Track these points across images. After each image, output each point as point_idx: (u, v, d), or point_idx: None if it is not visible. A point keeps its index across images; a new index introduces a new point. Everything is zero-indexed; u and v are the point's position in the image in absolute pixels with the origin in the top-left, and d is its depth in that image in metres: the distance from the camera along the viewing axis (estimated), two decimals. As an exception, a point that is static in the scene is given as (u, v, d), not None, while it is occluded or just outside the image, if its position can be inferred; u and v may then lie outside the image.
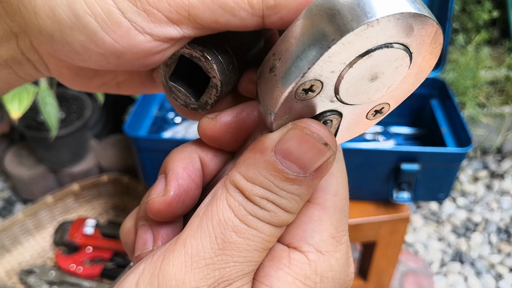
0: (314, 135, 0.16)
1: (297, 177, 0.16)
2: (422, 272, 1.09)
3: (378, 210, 0.75)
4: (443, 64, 0.87)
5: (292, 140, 0.16)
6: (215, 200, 0.16)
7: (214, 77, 0.18)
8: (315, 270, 0.16)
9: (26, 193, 1.20)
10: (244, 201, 0.16)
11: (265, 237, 0.16)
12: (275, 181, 0.16)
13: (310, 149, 0.16)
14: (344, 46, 0.14)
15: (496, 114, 1.18)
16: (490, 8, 1.24)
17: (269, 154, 0.16)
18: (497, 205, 1.26)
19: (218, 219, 0.16)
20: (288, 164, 0.15)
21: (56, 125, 0.96)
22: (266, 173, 0.16)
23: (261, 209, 0.16)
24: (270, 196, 0.16)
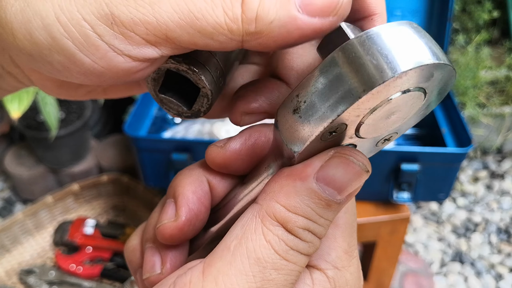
0: (360, 163, 0.16)
1: (335, 202, 0.16)
2: (422, 272, 1.09)
3: (378, 210, 0.75)
4: (443, 64, 0.87)
5: (338, 167, 0.16)
6: (249, 235, 0.15)
7: (204, 87, 0.18)
8: (335, 286, 0.17)
9: (26, 193, 1.20)
10: (285, 235, 0.15)
11: (300, 269, 0.16)
12: (317, 209, 0.16)
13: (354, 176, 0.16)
14: (373, 96, 0.15)
15: (496, 114, 1.18)
16: (490, 8, 1.24)
17: (311, 181, 0.16)
18: (497, 205, 1.26)
19: (256, 257, 0.15)
20: (331, 191, 0.16)
21: (56, 125, 0.96)
22: (309, 202, 0.15)
23: (302, 242, 0.16)
24: (311, 225, 0.16)
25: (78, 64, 0.15)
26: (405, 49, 0.14)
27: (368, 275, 0.85)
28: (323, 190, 0.16)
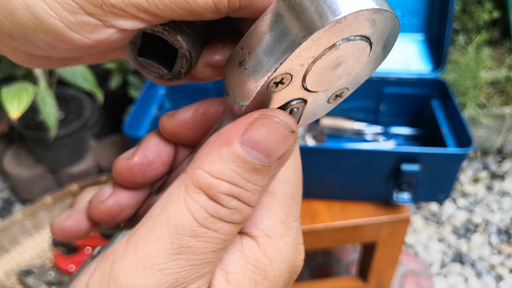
0: (283, 123, 0.16)
1: (263, 166, 0.15)
2: (422, 273, 1.09)
3: (378, 211, 0.75)
4: (443, 64, 0.87)
5: (261, 129, 0.15)
6: (171, 203, 0.15)
7: (181, 47, 0.17)
8: (265, 253, 0.17)
9: (25, 193, 1.20)
10: (206, 202, 0.15)
11: (224, 237, 0.15)
12: (243, 173, 0.15)
13: (279, 137, 0.15)
14: (314, 42, 0.15)
15: (496, 114, 1.18)
16: (491, 9, 1.23)
17: (236, 145, 0.15)
18: (498, 206, 1.26)
19: (175, 224, 0.15)
20: (256, 154, 0.15)
21: (55, 125, 0.96)
22: (234, 166, 0.15)
23: (224, 208, 0.15)
24: (236, 191, 0.15)
25: (67, 42, 0.15)
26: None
27: (368, 275, 0.85)
28: (248, 153, 0.15)
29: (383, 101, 0.91)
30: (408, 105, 0.90)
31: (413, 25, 0.91)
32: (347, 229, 0.75)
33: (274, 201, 0.18)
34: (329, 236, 0.75)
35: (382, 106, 0.91)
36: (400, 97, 0.89)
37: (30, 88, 0.95)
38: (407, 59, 0.91)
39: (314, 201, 0.77)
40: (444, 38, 0.86)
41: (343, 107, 0.93)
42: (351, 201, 0.77)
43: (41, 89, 0.98)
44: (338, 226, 0.73)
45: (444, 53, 0.86)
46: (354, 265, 1.09)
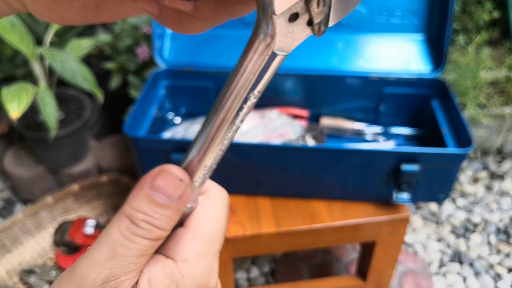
0: (175, 175, 0.24)
1: (166, 203, 0.23)
2: (421, 272, 1.09)
3: (378, 210, 0.75)
4: (443, 64, 0.87)
5: (161, 179, 0.23)
6: (110, 225, 0.23)
7: None
8: (179, 271, 0.24)
9: (26, 194, 1.20)
10: (129, 224, 0.23)
11: (142, 247, 0.23)
12: (151, 207, 0.23)
13: (172, 184, 0.23)
14: None
15: (496, 115, 1.18)
16: (491, 9, 1.24)
17: (146, 189, 0.23)
18: (497, 206, 1.27)
19: (110, 237, 0.23)
20: (159, 195, 0.23)
21: (55, 125, 0.96)
22: (144, 202, 0.23)
23: (140, 228, 0.23)
24: (147, 218, 0.23)
25: None
26: None
27: (367, 275, 0.86)
28: (153, 194, 0.23)
29: (383, 101, 0.91)
30: (408, 105, 0.91)
31: (413, 25, 0.91)
32: (346, 229, 0.75)
33: (195, 238, 0.25)
34: (329, 236, 0.76)
35: (382, 106, 0.92)
36: (400, 97, 0.89)
37: (30, 88, 0.95)
38: (407, 59, 0.91)
39: (314, 201, 0.77)
40: (444, 38, 0.86)
41: (343, 107, 0.94)
42: (351, 201, 0.77)
43: (41, 89, 0.98)
44: (338, 225, 0.74)
45: (444, 53, 0.86)
46: (353, 265, 1.09)
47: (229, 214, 0.76)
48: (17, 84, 0.96)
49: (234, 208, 0.76)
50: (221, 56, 0.91)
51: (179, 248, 0.24)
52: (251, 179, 0.75)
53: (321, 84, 0.90)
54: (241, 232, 0.72)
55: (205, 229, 0.25)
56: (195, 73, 0.90)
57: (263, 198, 0.78)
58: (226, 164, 0.73)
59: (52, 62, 0.99)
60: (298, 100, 0.93)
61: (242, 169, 0.74)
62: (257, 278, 1.10)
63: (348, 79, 0.89)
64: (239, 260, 1.13)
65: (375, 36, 0.91)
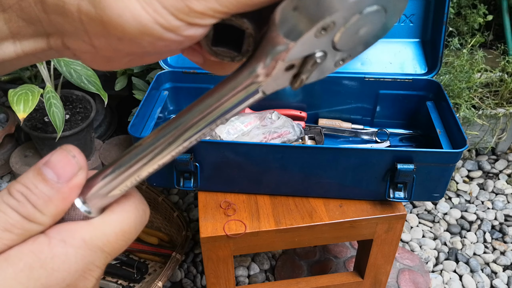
0: (74, 156, 0.21)
1: (51, 179, 0.21)
2: (418, 269, 1.11)
3: (374, 209, 0.77)
4: (438, 66, 0.89)
5: (54, 154, 0.21)
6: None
7: (247, 28, 0.21)
8: (51, 249, 0.20)
9: (31, 193, 1.22)
10: (5, 194, 0.21)
11: (8, 219, 0.20)
12: (34, 180, 0.21)
13: (63, 158, 0.21)
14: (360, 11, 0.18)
15: (490, 115, 1.20)
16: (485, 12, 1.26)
17: (40, 164, 0.21)
18: (491, 204, 1.28)
19: None
20: (48, 170, 0.21)
21: (61, 126, 0.98)
22: (30, 175, 0.21)
23: (12, 198, 0.20)
24: (24, 190, 0.20)
25: (165, 40, 0.20)
26: None
27: (364, 272, 0.87)
28: (42, 168, 0.21)
29: (379, 102, 0.93)
30: (403, 107, 0.93)
31: (409, 28, 0.93)
32: (344, 227, 0.76)
33: (87, 227, 0.22)
34: (327, 233, 0.77)
35: (379, 107, 0.94)
36: (396, 98, 0.91)
37: (36, 89, 0.97)
38: (403, 62, 0.93)
39: (312, 199, 0.79)
40: (439, 41, 0.88)
41: (340, 109, 0.96)
42: (349, 199, 0.78)
43: (47, 91, 1.00)
44: (336, 223, 0.75)
45: (439, 56, 0.88)
46: (351, 262, 1.11)
47: (230, 212, 0.77)
48: (24, 85, 0.98)
49: (234, 207, 0.78)
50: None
51: (61, 229, 0.21)
52: (251, 178, 0.77)
53: (319, 86, 0.92)
54: (242, 230, 0.74)
55: (104, 225, 0.22)
56: (197, 75, 0.93)
57: (263, 197, 0.80)
58: (227, 164, 0.75)
59: (57, 65, 1.01)
60: (296, 102, 0.96)
61: (243, 168, 0.75)
62: (257, 275, 1.12)
63: (345, 81, 0.91)
64: (239, 257, 1.14)
65: (372, 39, 0.93)
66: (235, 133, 0.85)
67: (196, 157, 0.75)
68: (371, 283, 0.89)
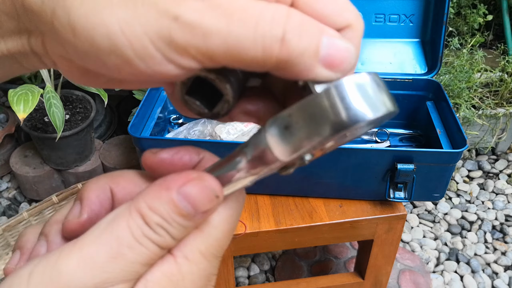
0: (212, 189, 0.21)
1: (188, 214, 0.20)
2: (419, 270, 1.11)
3: (375, 209, 0.77)
4: (438, 66, 0.90)
5: (195, 187, 0.20)
6: (117, 219, 0.20)
7: (227, 94, 0.21)
8: (179, 270, 0.21)
9: (31, 193, 1.22)
10: (142, 224, 0.20)
11: (151, 254, 0.20)
12: (172, 214, 0.20)
13: (205, 197, 0.20)
14: (350, 131, 0.18)
15: (490, 115, 1.20)
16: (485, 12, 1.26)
17: (173, 193, 0.20)
18: (492, 204, 1.28)
19: (117, 235, 0.19)
20: (185, 204, 0.20)
21: (61, 126, 0.98)
22: (167, 207, 0.20)
23: (154, 233, 0.20)
24: (165, 224, 0.20)
25: (133, 68, 0.18)
26: (380, 97, 0.18)
27: (365, 272, 0.87)
28: (179, 201, 0.20)
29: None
30: (403, 106, 0.93)
31: (408, 28, 0.93)
32: (344, 227, 0.76)
33: (200, 236, 0.22)
34: (327, 234, 0.77)
35: (379, 107, 0.94)
36: (396, 98, 0.91)
37: (36, 89, 0.97)
38: (403, 62, 0.93)
39: (312, 199, 0.79)
40: (439, 41, 0.88)
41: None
42: (349, 200, 0.78)
43: (47, 91, 1.00)
44: (336, 223, 0.75)
45: (439, 56, 0.88)
46: (351, 262, 1.11)
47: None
48: (24, 86, 0.98)
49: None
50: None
51: (181, 244, 0.21)
52: (252, 178, 0.77)
53: (319, 86, 0.92)
54: (241, 230, 0.73)
55: (212, 229, 0.22)
56: (197, 76, 0.92)
57: (263, 197, 0.80)
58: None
59: (57, 65, 1.01)
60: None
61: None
62: (257, 275, 1.11)
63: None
64: (239, 258, 1.14)
65: (372, 39, 0.93)
66: (235, 133, 0.85)
67: (196, 157, 0.75)
68: (371, 283, 0.89)
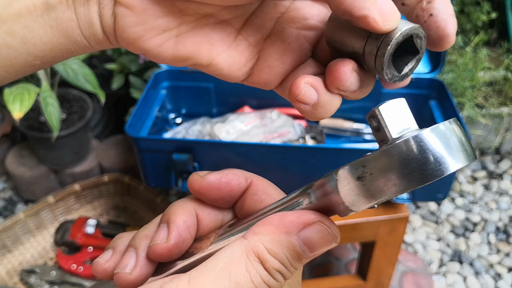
0: (333, 236, 0.20)
1: (306, 258, 0.20)
2: (421, 272, 1.10)
3: (377, 210, 0.76)
4: (441, 65, 0.88)
5: (317, 234, 0.20)
6: (234, 262, 0.19)
7: (422, 53, 0.20)
8: None
9: (28, 194, 1.21)
10: (262, 271, 0.19)
11: None
12: (291, 259, 0.20)
13: (326, 244, 0.20)
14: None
15: (494, 114, 1.18)
16: (489, 10, 1.24)
17: (294, 237, 0.20)
18: (496, 205, 1.27)
19: (236, 281, 0.19)
20: (305, 248, 0.20)
21: (57, 126, 0.96)
22: (286, 252, 0.19)
23: (273, 279, 0.19)
24: (283, 269, 0.20)
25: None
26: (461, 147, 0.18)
27: (367, 274, 0.86)
28: (300, 246, 0.20)
29: (381, 101, 0.91)
30: (406, 106, 0.91)
31: (411, 26, 0.92)
32: (346, 228, 0.75)
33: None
34: (329, 235, 0.76)
35: (381, 106, 0.92)
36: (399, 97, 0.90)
37: (32, 88, 0.96)
38: (406, 60, 0.92)
39: (314, 200, 0.78)
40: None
41: (342, 108, 0.94)
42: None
43: (44, 90, 0.99)
44: (338, 225, 0.74)
45: (442, 54, 0.87)
46: (353, 264, 1.10)
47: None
48: (19, 84, 0.97)
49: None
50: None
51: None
52: (252, 179, 0.76)
53: (320, 84, 0.91)
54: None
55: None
56: (196, 74, 0.91)
57: (263, 198, 0.78)
58: (227, 164, 0.73)
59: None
60: (298, 101, 0.94)
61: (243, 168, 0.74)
62: (257, 277, 1.10)
63: (348, 80, 0.90)
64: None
65: (374, 37, 0.92)
66: (235, 133, 0.84)
67: (195, 157, 0.74)
68: (373, 285, 0.88)
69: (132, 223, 1.11)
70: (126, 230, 1.07)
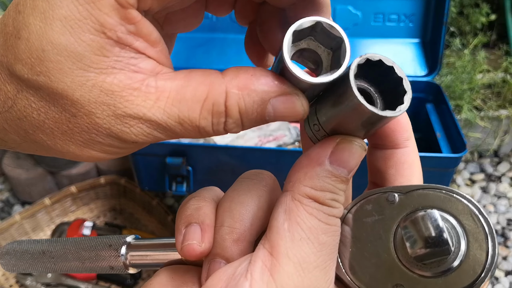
0: (360, 145, 0.21)
1: (346, 178, 0.21)
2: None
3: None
4: (438, 68, 0.88)
5: (345, 151, 0.20)
6: (295, 213, 0.20)
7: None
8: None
9: (24, 195, 1.21)
10: (320, 206, 0.20)
11: (339, 229, 0.21)
12: (336, 184, 0.20)
13: (358, 156, 0.21)
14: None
15: (493, 117, 1.18)
16: (488, 11, 1.24)
17: (327, 164, 0.20)
18: (494, 208, 1.26)
19: (308, 226, 0.19)
20: (342, 169, 0.20)
21: (53, 128, 0.96)
22: (328, 180, 0.20)
23: (334, 208, 0.20)
24: (335, 196, 0.20)
25: None
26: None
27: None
28: (336, 170, 0.20)
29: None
30: (403, 109, 0.91)
31: (408, 29, 0.91)
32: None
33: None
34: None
35: (377, 109, 0.92)
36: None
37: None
38: (403, 63, 0.91)
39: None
40: (439, 42, 0.86)
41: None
42: (346, 205, 0.77)
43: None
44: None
45: (439, 57, 0.86)
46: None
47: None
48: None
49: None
50: (217, 59, 0.92)
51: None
52: (246, 183, 0.75)
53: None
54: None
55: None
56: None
57: (258, 201, 0.78)
58: (221, 167, 0.73)
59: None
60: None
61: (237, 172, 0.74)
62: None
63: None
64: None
65: (371, 40, 0.91)
66: (229, 136, 0.83)
67: (189, 161, 0.73)
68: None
69: (129, 225, 1.11)
70: (123, 233, 1.07)
